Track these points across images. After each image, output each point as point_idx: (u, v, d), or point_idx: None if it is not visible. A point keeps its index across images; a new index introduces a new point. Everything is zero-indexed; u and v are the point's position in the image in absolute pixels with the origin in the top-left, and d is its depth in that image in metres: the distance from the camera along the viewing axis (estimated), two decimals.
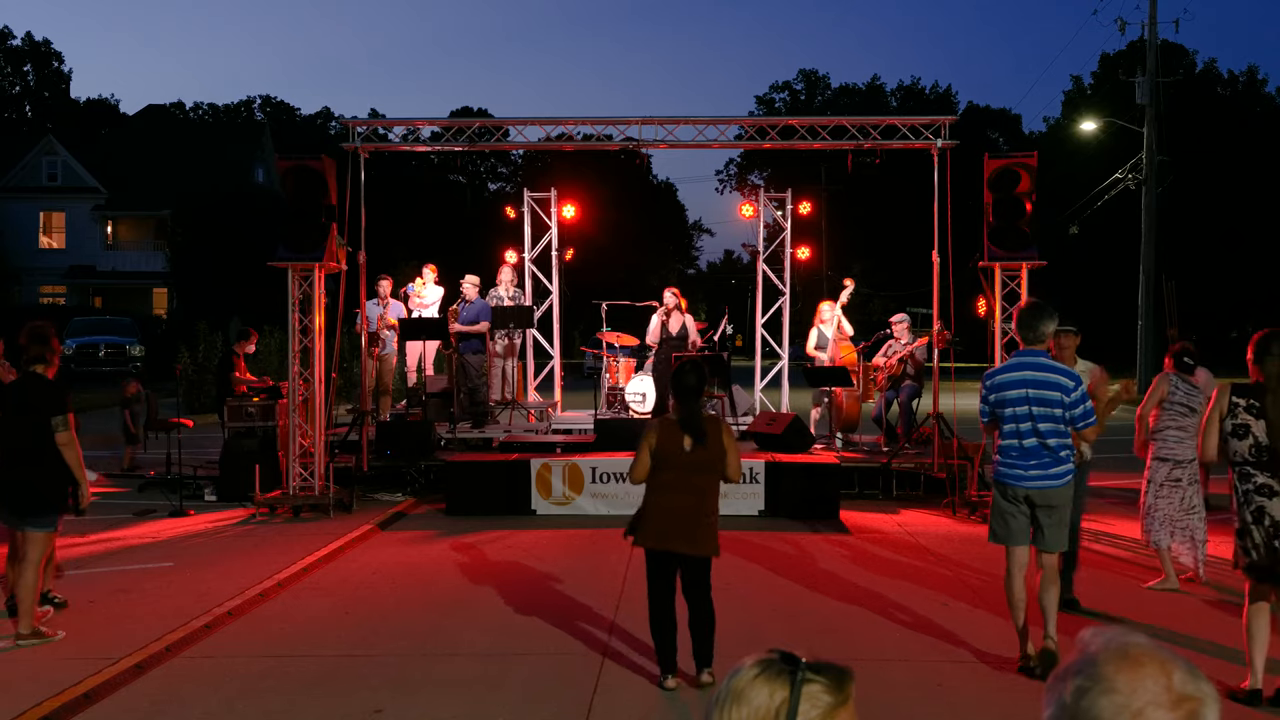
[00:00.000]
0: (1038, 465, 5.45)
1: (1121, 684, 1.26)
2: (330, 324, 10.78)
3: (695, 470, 5.28)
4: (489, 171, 65.28)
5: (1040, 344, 5.51)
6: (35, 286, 42.79)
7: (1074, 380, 5.38)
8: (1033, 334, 5.52)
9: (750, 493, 10.07)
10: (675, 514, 5.25)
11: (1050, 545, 5.52)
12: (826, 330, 12.84)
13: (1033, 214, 9.99)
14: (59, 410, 6.02)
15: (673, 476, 5.28)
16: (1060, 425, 5.40)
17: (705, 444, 5.25)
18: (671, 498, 5.28)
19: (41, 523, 6.02)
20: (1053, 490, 5.44)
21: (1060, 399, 5.36)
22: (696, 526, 5.27)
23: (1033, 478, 5.45)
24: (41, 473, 6.00)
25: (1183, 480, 7.31)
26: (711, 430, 5.31)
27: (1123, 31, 27.40)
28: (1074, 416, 5.38)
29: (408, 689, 5.35)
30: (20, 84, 61.46)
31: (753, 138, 12.73)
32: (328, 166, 10.08)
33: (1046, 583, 5.55)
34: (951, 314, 11.48)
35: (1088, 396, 5.42)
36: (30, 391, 6.08)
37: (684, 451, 5.25)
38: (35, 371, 6.14)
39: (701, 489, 5.32)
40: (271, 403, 11.17)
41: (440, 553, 8.62)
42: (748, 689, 1.34)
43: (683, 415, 5.31)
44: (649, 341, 13.44)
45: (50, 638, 6.00)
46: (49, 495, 6.04)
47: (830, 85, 68.00)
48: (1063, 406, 5.36)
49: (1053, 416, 5.38)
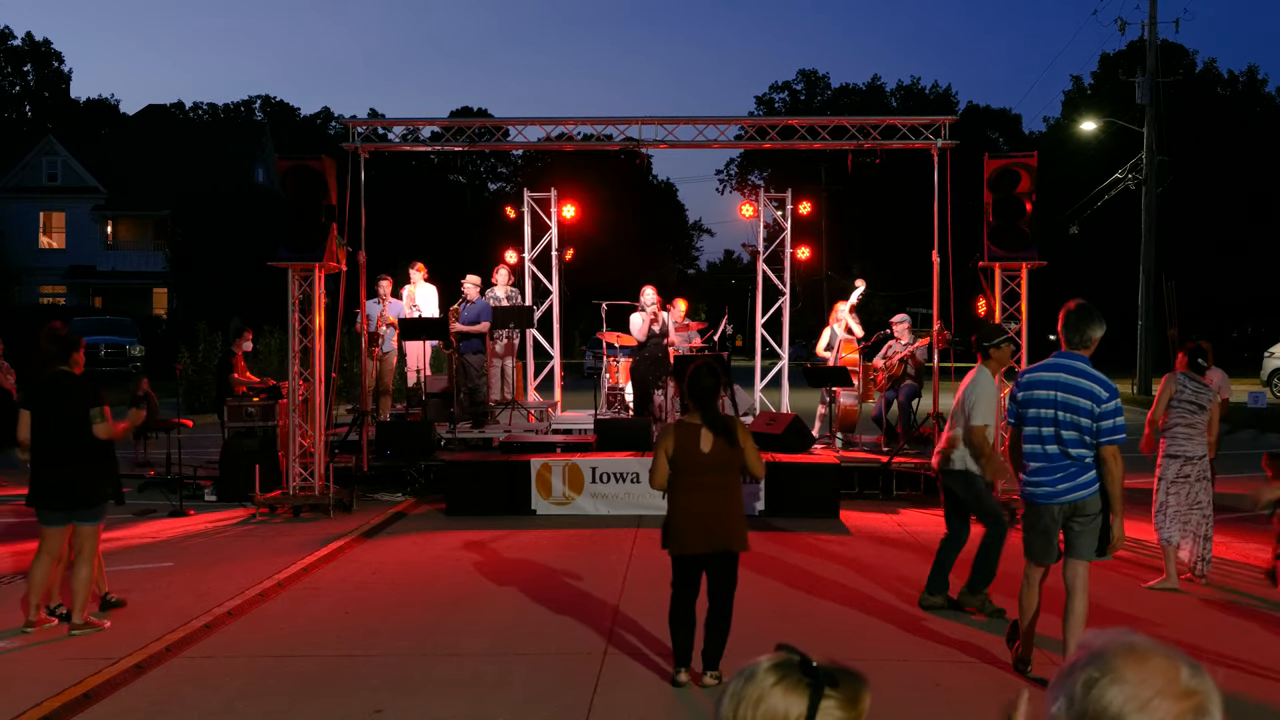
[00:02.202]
0: (1065, 477, 5.19)
1: (1131, 675, 1.27)
2: (330, 324, 10.78)
3: (721, 470, 5.30)
4: (489, 171, 65.29)
5: (1084, 349, 5.20)
6: (35, 286, 42.81)
7: (1108, 390, 5.09)
8: (1078, 337, 5.22)
9: (751, 492, 10.06)
10: (705, 516, 5.25)
11: (1081, 553, 5.25)
12: (839, 330, 12.85)
13: (1033, 214, 10.00)
14: (94, 403, 6.23)
15: (696, 479, 5.27)
16: (1085, 436, 5.12)
17: (731, 443, 5.26)
18: (698, 499, 5.27)
19: (90, 515, 6.24)
20: (1085, 500, 5.19)
21: (1090, 408, 5.08)
22: (728, 524, 5.28)
23: (1062, 491, 5.19)
24: (85, 468, 6.22)
25: (1191, 476, 7.35)
26: (736, 429, 5.33)
27: (1123, 31, 27.45)
28: (1100, 430, 5.09)
29: (408, 689, 5.34)
30: (20, 84, 61.49)
31: (753, 138, 12.73)
32: (328, 166, 10.08)
33: (1073, 596, 5.23)
34: (951, 314, 11.48)
35: (1120, 411, 5.12)
36: (63, 390, 6.25)
37: (704, 453, 5.26)
38: (62, 370, 6.31)
39: (728, 487, 5.34)
40: (271, 403, 11.17)
41: (440, 553, 8.62)
42: (766, 696, 1.32)
43: (705, 416, 5.32)
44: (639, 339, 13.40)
45: (99, 627, 6.26)
46: (95, 488, 6.27)
47: (830, 85, 68.03)
48: (1091, 417, 5.09)
49: (1078, 425, 5.12)
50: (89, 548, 6.22)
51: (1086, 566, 5.28)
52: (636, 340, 12.92)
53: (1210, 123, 43.74)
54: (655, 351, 12.58)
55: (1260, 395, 19.13)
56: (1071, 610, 5.22)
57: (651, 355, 12.60)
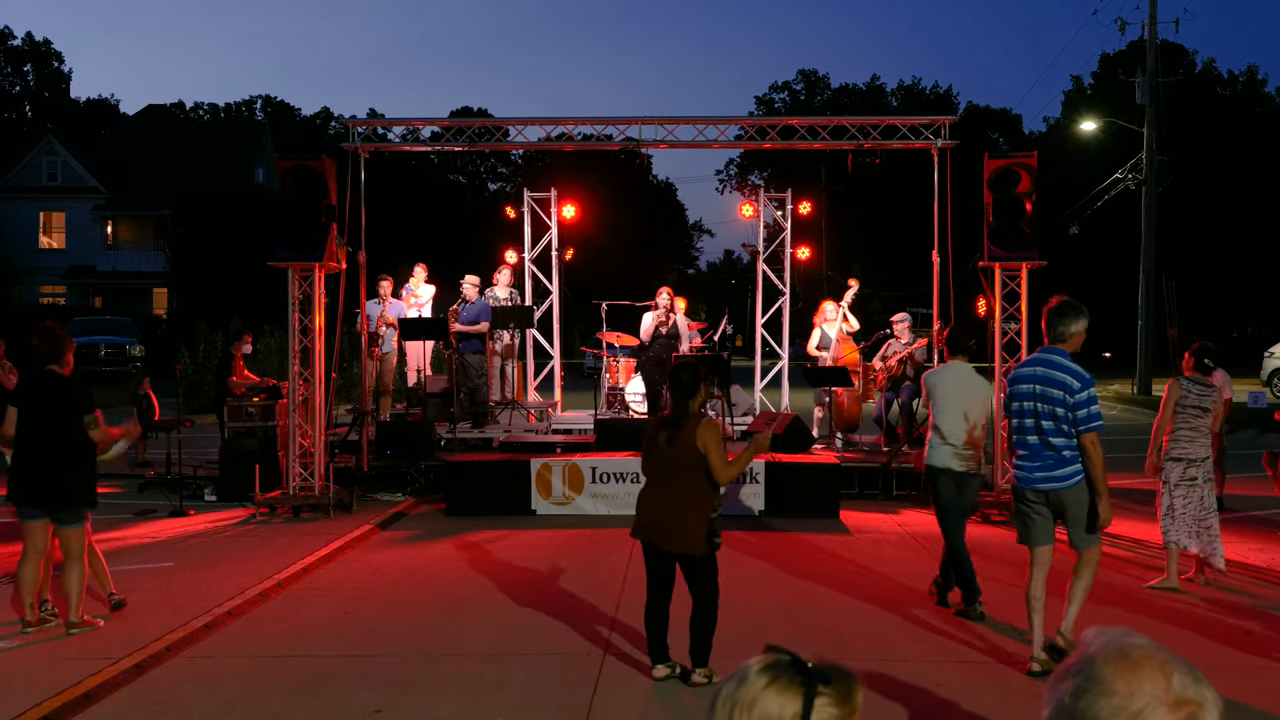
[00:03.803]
0: (1041, 466, 5.48)
1: (1120, 686, 1.25)
2: (330, 324, 10.78)
3: (669, 469, 5.29)
4: (489, 171, 65.30)
5: (1061, 342, 5.49)
6: (35, 286, 42.80)
7: (1080, 381, 5.32)
8: (1053, 332, 5.52)
9: (750, 492, 10.09)
10: (652, 510, 5.33)
11: (1077, 544, 5.56)
12: (829, 330, 12.82)
13: (1033, 214, 9.99)
14: (88, 409, 6.22)
15: (653, 473, 5.40)
16: (1063, 425, 5.37)
17: (674, 443, 5.25)
18: (649, 493, 5.40)
19: (71, 517, 6.21)
20: (1062, 491, 5.46)
21: (1062, 398, 5.34)
22: (672, 524, 5.24)
23: (1038, 479, 5.49)
24: (69, 470, 6.17)
25: (1198, 479, 7.32)
26: (686, 430, 5.22)
27: (1123, 31, 27.41)
28: (1077, 419, 5.33)
29: (408, 689, 5.35)
30: (20, 84, 61.47)
31: (753, 138, 12.73)
32: (328, 166, 10.08)
33: (1074, 579, 5.60)
34: (951, 314, 11.48)
35: (1094, 400, 5.35)
36: (51, 391, 6.21)
37: (658, 449, 5.33)
38: (52, 370, 6.26)
39: (676, 487, 5.27)
40: (271, 403, 11.17)
41: (440, 553, 8.62)
42: (760, 698, 1.32)
43: (671, 414, 5.36)
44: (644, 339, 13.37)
45: (95, 626, 6.26)
46: (77, 490, 6.22)
47: (830, 85, 68.01)
48: (1065, 407, 5.34)
49: (1054, 415, 5.37)
50: (76, 548, 6.18)
51: (1087, 555, 5.58)
52: (640, 340, 12.90)
53: (1210, 123, 43.75)
54: (660, 353, 12.49)
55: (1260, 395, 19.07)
56: (1071, 591, 5.60)
57: (656, 356, 12.52)
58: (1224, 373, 10.01)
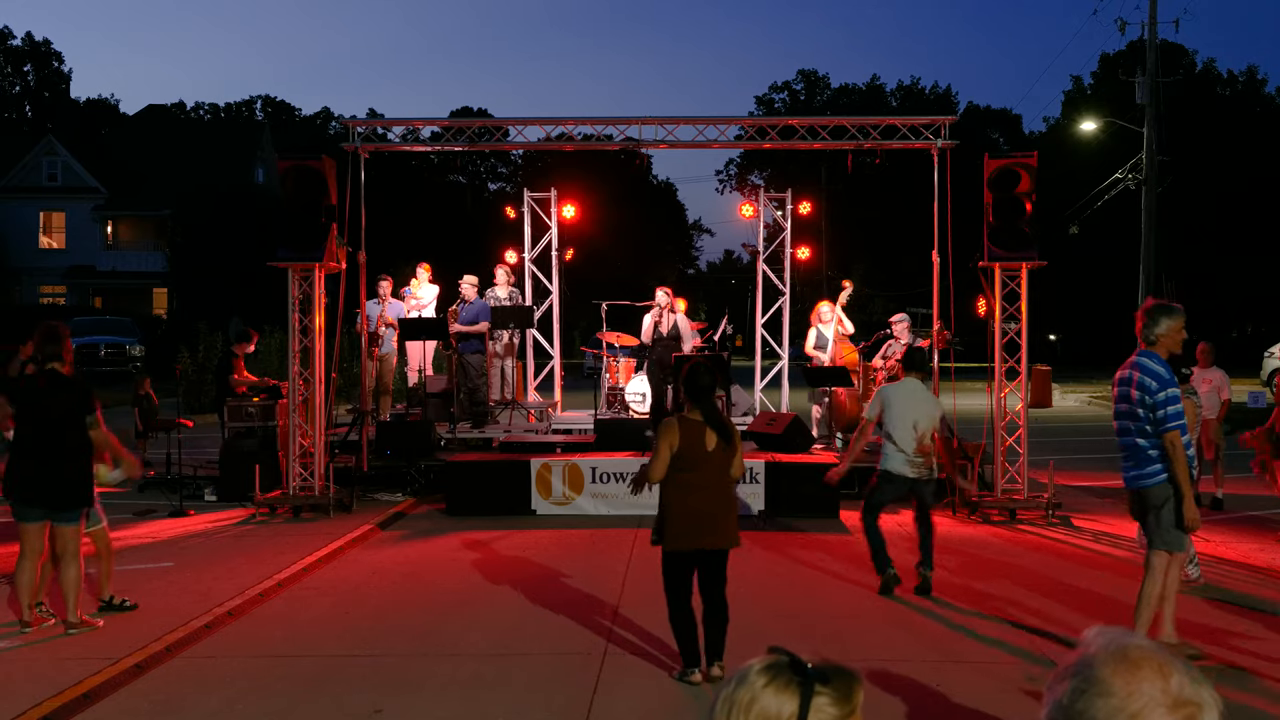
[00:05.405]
0: (1133, 465, 5.62)
1: (1118, 687, 1.24)
2: (330, 324, 10.78)
3: (720, 469, 5.38)
4: (489, 171, 65.28)
5: (1151, 345, 5.56)
6: (35, 286, 42.81)
7: (1159, 382, 5.41)
8: (1143, 336, 5.61)
9: (751, 493, 10.07)
10: (705, 514, 5.33)
11: (1152, 541, 5.62)
12: (825, 330, 12.82)
13: (1033, 214, 9.99)
14: (89, 409, 6.22)
15: (698, 476, 5.32)
16: (1145, 425, 5.49)
17: (730, 443, 5.37)
18: (700, 497, 5.33)
19: (69, 516, 6.22)
20: (1145, 490, 5.56)
21: (1142, 398, 5.46)
22: (725, 522, 5.39)
23: (1130, 479, 5.65)
24: (69, 469, 6.18)
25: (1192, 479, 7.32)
26: (734, 431, 5.46)
27: (1123, 31, 27.41)
28: (1156, 419, 5.42)
29: (408, 689, 5.35)
30: (20, 84, 61.45)
31: (753, 138, 12.73)
32: (327, 166, 10.08)
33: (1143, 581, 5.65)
34: (951, 314, 11.47)
35: (1173, 400, 5.41)
36: (52, 390, 6.20)
37: (709, 451, 5.32)
38: (53, 369, 6.26)
39: (726, 486, 5.45)
40: (271, 403, 11.17)
41: (440, 553, 8.62)
42: (758, 698, 1.32)
43: (706, 414, 5.38)
44: (644, 340, 13.36)
45: (94, 626, 6.26)
46: (75, 489, 6.22)
47: (830, 85, 67.99)
48: (1144, 407, 5.45)
49: (1135, 415, 5.52)
50: (72, 547, 6.19)
51: (1158, 555, 5.59)
52: (640, 341, 12.88)
53: (1210, 123, 43.74)
54: (665, 355, 12.38)
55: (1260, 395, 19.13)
56: (1140, 593, 5.65)
57: (661, 359, 12.44)
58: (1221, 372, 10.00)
